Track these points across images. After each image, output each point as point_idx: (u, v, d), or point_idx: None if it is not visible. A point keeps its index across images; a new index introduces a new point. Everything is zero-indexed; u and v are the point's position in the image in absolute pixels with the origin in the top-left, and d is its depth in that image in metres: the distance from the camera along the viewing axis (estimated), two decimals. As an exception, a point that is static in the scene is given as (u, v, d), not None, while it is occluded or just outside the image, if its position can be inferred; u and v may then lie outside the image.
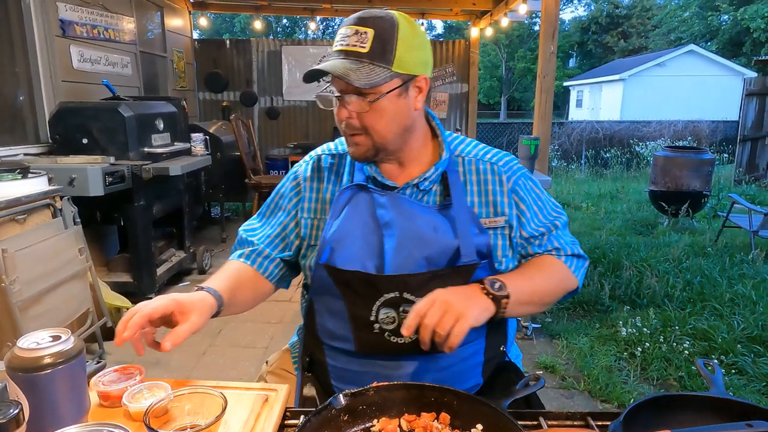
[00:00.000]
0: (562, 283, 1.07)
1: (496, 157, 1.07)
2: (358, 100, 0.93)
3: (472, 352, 1.07)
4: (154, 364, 2.76)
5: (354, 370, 1.05)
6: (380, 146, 0.98)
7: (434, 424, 0.82)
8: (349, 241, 0.99)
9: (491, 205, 1.04)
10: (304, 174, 1.11)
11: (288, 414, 0.89)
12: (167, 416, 0.77)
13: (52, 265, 2.41)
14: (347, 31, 0.93)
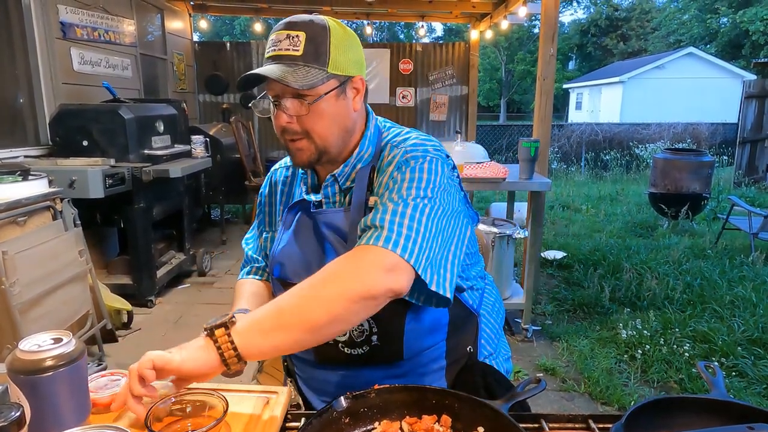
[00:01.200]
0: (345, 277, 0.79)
1: (407, 141, 0.97)
2: (296, 103, 0.92)
3: (433, 357, 1.06)
4: (154, 367, 2.75)
5: (317, 379, 1.08)
6: (322, 149, 0.96)
7: (435, 426, 0.82)
8: (296, 257, 1.03)
9: (379, 184, 0.94)
10: (264, 191, 1.17)
11: (289, 416, 0.89)
12: (169, 419, 0.77)
13: (52, 267, 2.41)
14: (278, 37, 0.92)
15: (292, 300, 0.78)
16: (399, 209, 0.84)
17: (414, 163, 0.91)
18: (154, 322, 3.31)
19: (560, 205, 7.12)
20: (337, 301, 0.76)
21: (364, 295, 0.76)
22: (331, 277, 0.78)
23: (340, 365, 1.04)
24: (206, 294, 3.85)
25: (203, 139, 4.29)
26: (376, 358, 1.02)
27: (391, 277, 0.78)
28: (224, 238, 5.25)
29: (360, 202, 0.95)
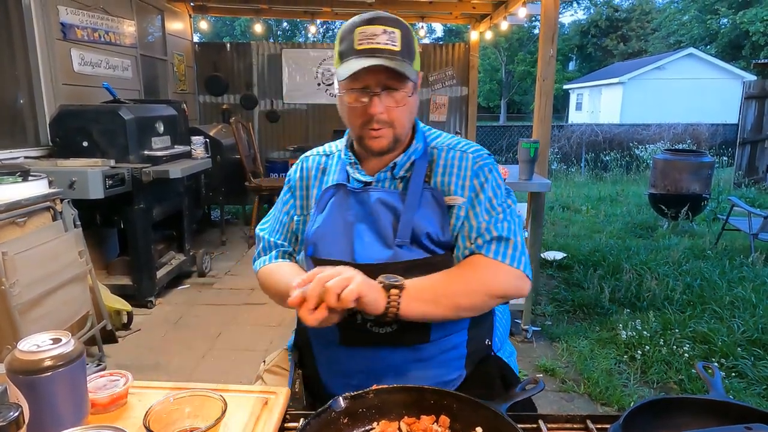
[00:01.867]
0: (484, 278, 1.00)
1: (468, 146, 1.11)
2: (397, 95, 1.00)
3: (455, 344, 1.08)
4: (154, 367, 2.76)
5: (339, 361, 1.09)
6: (398, 138, 1.05)
7: (434, 427, 0.83)
8: (330, 237, 1.06)
9: (456, 185, 1.06)
10: (293, 177, 1.20)
11: (288, 417, 0.89)
12: (167, 419, 0.77)
13: (52, 268, 2.41)
14: (374, 31, 0.98)
15: (446, 285, 0.98)
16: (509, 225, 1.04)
17: (492, 169, 1.08)
18: (154, 323, 3.31)
19: (560, 206, 7.12)
20: (479, 295, 0.99)
21: (500, 295, 1.01)
22: (478, 274, 1.00)
23: (364, 345, 1.05)
24: (206, 295, 3.85)
25: (203, 140, 4.29)
26: (401, 339, 1.03)
27: (520, 284, 1.03)
28: (224, 239, 5.26)
29: (417, 191, 1.04)
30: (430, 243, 1.03)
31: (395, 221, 1.03)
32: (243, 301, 3.70)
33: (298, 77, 6.84)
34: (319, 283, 0.86)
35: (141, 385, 0.90)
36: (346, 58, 0.99)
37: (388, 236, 1.03)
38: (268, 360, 1.29)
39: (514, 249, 1.02)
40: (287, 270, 1.12)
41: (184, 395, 0.78)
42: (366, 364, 1.06)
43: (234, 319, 3.40)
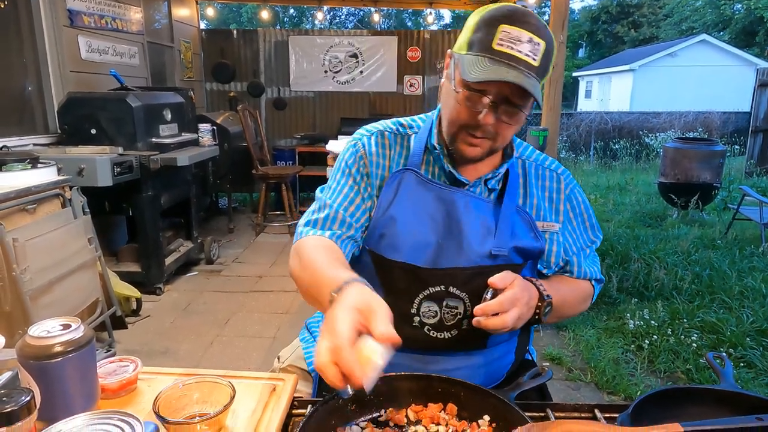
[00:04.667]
0: (581, 307, 1.13)
1: (555, 164, 1.09)
2: (515, 113, 0.91)
3: (505, 351, 1.09)
4: (163, 353, 2.79)
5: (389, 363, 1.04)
6: (494, 151, 0.99)
7: (441, 414, 0.83)
8: (400, 228, 0.97)
9: (549, 210, 1.06)
10: (348, 159, 1.04)
11: (296, 404, 0.89)
12: (176, 405, 0.78)
13: (62, 255, 2.43)
14: (521, 35, 0.85)
15: (570, 300, 1.06)
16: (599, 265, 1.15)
17: (580, 192, 1.10)
18: (163, 309, 3.34)
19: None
20: (572, 313, 1.12)
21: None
22: (584, 303, 1.12)
23: (418, 350, 1.01)
24: (214, 282, 3.87)
25: (210, 128, 4.29)
26: (458, 345, 1.01)
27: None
28: (232, 227, 5.28)
29: (511, 206, 1.01)
30: (514, 254, 1.00)
31: (486, 230, 0.98)
32: (251, 289, 3.73)
33: (305, 64, 6.80)
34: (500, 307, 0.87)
35: (150, 370, 0.91)
36: (479, 54, 0.86)
37: (473, 243, 0.97)
38: (282, 356, 1.26)
39: (599, 287, 1.14)
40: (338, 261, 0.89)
41: (192, 381, 0.79)
42: (415, 368, 1.00)
43: (242, 306, 3.43)
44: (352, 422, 0.82)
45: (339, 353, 0.62)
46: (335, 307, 0.68)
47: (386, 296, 0.93)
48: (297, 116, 6.97)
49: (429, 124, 1.05)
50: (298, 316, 3.19)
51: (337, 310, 0.67)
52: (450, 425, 0.81)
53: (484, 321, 0.86)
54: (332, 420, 0.80)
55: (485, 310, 0.86)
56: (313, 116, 7.00)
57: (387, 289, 0.98)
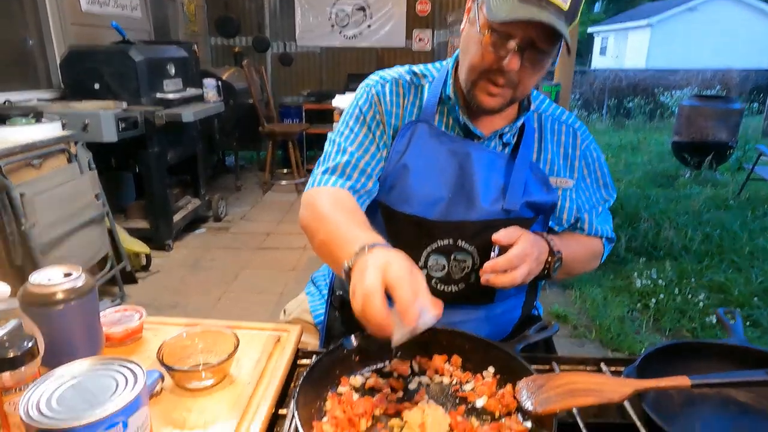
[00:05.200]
0: (591, 264, 1.11)
1: (572, 119, 1.06)
2: (540, 57, 0.86)
3: (513, 305, 1.08)
4: (172, 308, 2.84)
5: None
6: (514, 101, 0.94)
7: (446, 366, 0.82)
8: (411, 180, 0.94)
9: (564, 166, 1.03)
10: (362, 105, 1.00)
11: (300, 354, 0.89)
12: (181, 354, 0.78)
13: (70, 210, 2.44)
14: None
15: (580, 257, 1.04)
16: (611, 224, 1.11)
17: (596, 148, 1.06)
18: (172, 265, 3.37)
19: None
20: (581, 270, 1.10)
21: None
22: (593, 261, 1.10)
23: None
24: (222, 239, 3.90)
25: (215, 83, 4.21)
26: (465, 298, 1.00)
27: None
28: (239, 185, 5.27)
29: (525, 162, 0.98)
30: (525, 209, 0.98)
31: (498, 185, 0.96)
32: (258, 246, 3.75)
33: (311, 18, 6.60)
34: (509, 263, 0.85)
35: (155, 320, 0.91)
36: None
37: (484, 199, 0.94)
38: (288, 309, 1.26)
39: (610, 246, 1.12)
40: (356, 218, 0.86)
41: (197, 331, 0.79)
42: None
43: (249, 262, 3.46)
44: (356, 372, 0.82)
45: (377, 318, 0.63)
46: (362, 282, 0.64)
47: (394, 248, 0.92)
48: (303, 72, 6.83)
49: (444, 73, 1.01)
50: (306, 272, 3.22)
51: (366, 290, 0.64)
52: (454, 376, 0.81)
53: (493, 278, 0.84)
54: (336, 370, 0.80)
55: (494, 267, 0.84)
56: (320, 72, 6.85)
57: (395, 241, 0.96)
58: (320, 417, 0.73)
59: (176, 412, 0.70)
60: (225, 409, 0.71)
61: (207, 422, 0.68)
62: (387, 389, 0.78)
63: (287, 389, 0.81)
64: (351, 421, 0.69)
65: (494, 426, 0.70)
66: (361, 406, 0.71)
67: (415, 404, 0.74)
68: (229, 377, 0.77)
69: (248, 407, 0.71)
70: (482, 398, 0.75)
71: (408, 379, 0.81)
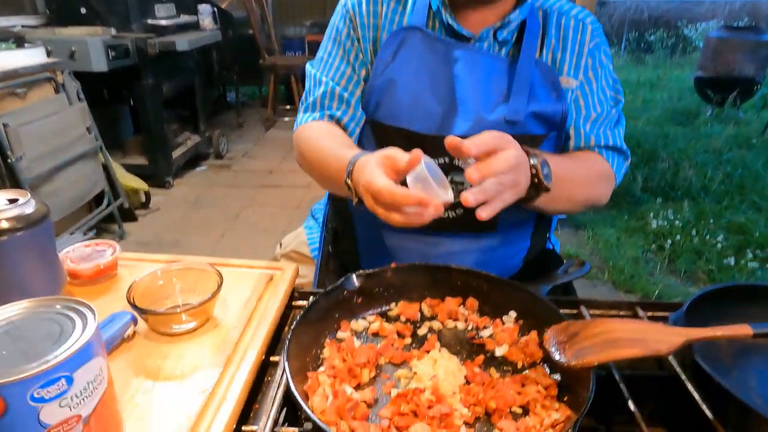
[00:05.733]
0: (599, 186, 0.92)
1: (582, 12, 0.91)
2: None
3: (520, 235, 0.97)
4: (173, 245, 2.77)
5: (387, 245, 0.95)
6: None
7: (460, 310, 0.72)
8: (400, 93, 0.84)
9: (570, 64, 0.89)
10: (357, 8, 0.90)
11: (296, 294, 0.80)
12: (159, 294, 0.68)
13: (60, 143, 2.32)
14: None
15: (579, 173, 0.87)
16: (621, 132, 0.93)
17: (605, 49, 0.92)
18: (172, 203, 3.29)
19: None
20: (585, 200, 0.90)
21: (596, 203, 0.93)
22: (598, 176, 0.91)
23: (419, 230, 0.89)
24: (223, 176, 3.79)
25: (211, 9, 3.94)
26: (465, 225, 0.89)
27: (608, 198, 0.94)
28: (241, 121, 5.09)
29: (529, 64, 0.84)
30: (533, 122, 0.85)
31: (499, 92, 0.83)
32: (261, 183, 3.64)
33: (314, -61, 6.14)
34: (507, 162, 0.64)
35: (133, 257, 0.81)
36: None
37: (482, 109, 0.83)
38: (285, 242, 1.18)
39: (623, 161, 0.95)
40: (341, 140, 0.86)
41: (174, 269, 0.68)
42: (419, 250, 0.92)
43: (252, 200, 3.36)
44: (358, 316, 0.72)
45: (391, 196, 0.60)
46: (362, 183, 0.65)
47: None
48: (306, 1, 6.44)
49: None
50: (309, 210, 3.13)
51: (366, 178, 0.64)
52: (470, 321, 0.71)
53: (478, 212, 0.65)
54: (335, 313, 0.70)
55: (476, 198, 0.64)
56: (324, 1, 6.45)
57: None
58: (316, 366, 0.63)
59: (150, 359, 0.61)
60: (207, 356, 0.62)
61: (185, 371, 0.59)
62: (393, 335, 0.68)
63: (280, 334, 0.71)
64: (351, 371, 0.60)
65: (517, 378, 0.60)
66: (363, 354, 0.62)
67: (426, 353, 0.65)
68: (213, 320, 0.68)
69: (233, 354, 0.62)
70: (502, 347, 0.66)
71: (417, 324, 0.72)
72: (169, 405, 0.54)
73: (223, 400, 0.55)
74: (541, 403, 0.56)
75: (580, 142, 0.91)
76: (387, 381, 0.61)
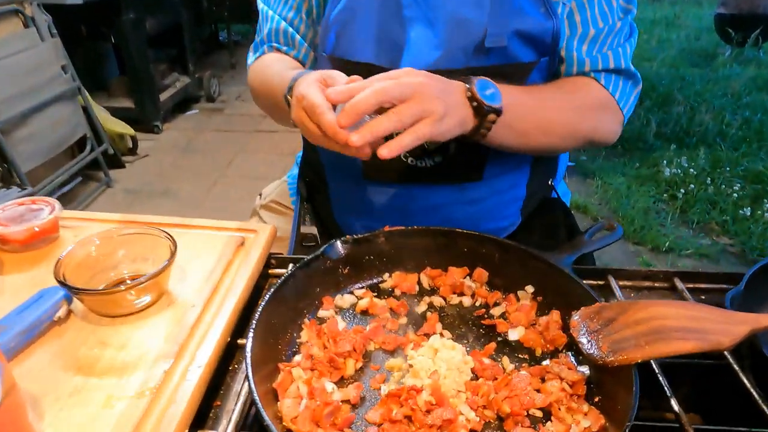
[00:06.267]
0: (593, 113, 0.75)
1: None
2: None
3: (513, 183, 0.83)
4: (163, 194, 2.65)
5: (361, 199, 0.83)
6: None
7: (466, 282, 0.61)
8: (360, 24, 0.71)
9: None
10: None
11: (273, 262, 0.68)
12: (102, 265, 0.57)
13: (32, 83, 2.15)
14: None
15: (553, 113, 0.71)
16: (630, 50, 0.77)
17: None
18: (162, 149, 3.14)
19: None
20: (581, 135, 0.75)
21: (598, 141, 0.78)
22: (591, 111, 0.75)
23: (395, 182, 0.79)
24: (215, 120, 3.61)
25: (197, -63, 3.62)
26: (446, 175, 0.77)
27: (616, 131, 0.79)
28: (233, 62, 4.83)
29: None
30: (518, 45, 0.69)
31: (471, 9, 0.67)
32: (254, 128, 3.46)
33: None
34: (376, 95, 0.53)
35: (76, 215, 0.69)
36: None
37: (455, 33, 0.69)
38: (265, 193, 1.06)
39: (632, 87, 0.78)
40: (289, 64, 0.79)
41: (116, 234, 0.56)
42: (396, 204, 0.80)
43: (245, 146, 3.21)
44: (344, 290, 0.61)
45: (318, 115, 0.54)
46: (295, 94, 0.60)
47: None
48: (301, -71, 5.98)
49: None
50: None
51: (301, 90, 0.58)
52: (477, 296, 0.60)
53: (379, 151, 0.54)
54: (317, 287, 0.58)
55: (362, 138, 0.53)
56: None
57: None
58: (292, 354, 0.52)
59: (86, 347, 0.50)
60: (157, 341, 0.51)
61: (128, 361, 0.48)
62: (385, 314, 0.57)
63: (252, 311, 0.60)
64: (333, 361, 0.49)
65: (536, 371, 0.49)
66: (348, 340, 0.51)
67: (424, 338, 0.53)
68: (168, 297, 0.56)
69: (190, 337, 0.51)
70: (517, 329, 0.55)
71: (415, 299, 0.60)
72: (101, 410, 0.44)
73: (170, 402, 0.44)
74: (566, 405, 0.46)
75: (573, 68, 0.75)
76: (376, 374, 0.50)
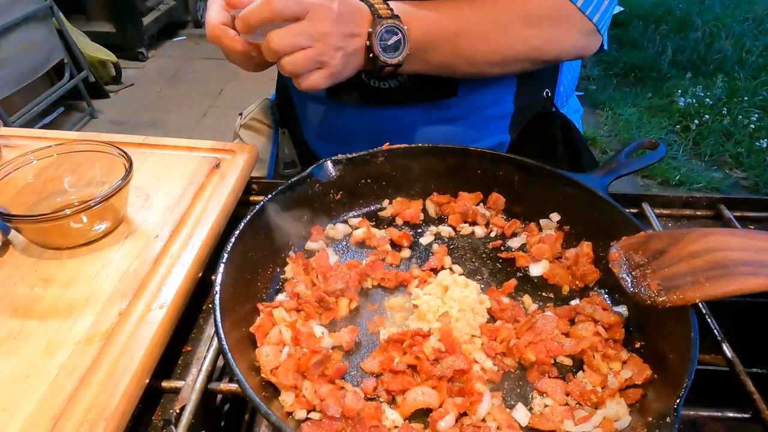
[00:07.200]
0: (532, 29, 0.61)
1: None
2: None
3: (496, 98, 0.72)
4: (150, 125, 2.52)
5: (329, 122, 0.75)
6: None
7: (479, 209, 0.52)
8: None
9: None
10: None
11: (255, 187, 0.59)
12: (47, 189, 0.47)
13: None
14: None
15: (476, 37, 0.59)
16: None
17: None
18: (148, 78, 2.97)
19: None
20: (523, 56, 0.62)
21: (554, 57, 0.64)
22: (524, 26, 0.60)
23: (360, 103, 0.70)
24: (204, 47, 3.40)
25: None
26: (415, 93, 0.68)
27: (587, 43, 0.64)
28: (222, -16, 4.51)
29: None
30: None
31: None
32: (245, 56, 3.27)
33: None
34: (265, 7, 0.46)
35: (19, 134, 0.59)
36: None
37: None
38: (246, 112, 0.95)
39: None
40: None
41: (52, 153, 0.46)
42: (366, 126, 0.72)
43: (236, 75, 3.03)
44: (337, 218, 0.52)
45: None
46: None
47: None
48: None
49: None
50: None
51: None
52: (492, 225, 0.51)
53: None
54: (304, 215, 0.50)
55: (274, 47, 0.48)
56: None
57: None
58: (274, 293, 0.44)
59: (23, 284, 0.42)
60: (111, 277, 0.42)
61: (75, 300, 0.40)
62: (385, 246, 0.49)
63: (229, 241, 0.52)
64: (323, 301, 0.41)
65: (563, 312, 0.42)
66: (340, 277, 0.42)
67: (431, 274, 0.45)
68: (126, 226, 0.47)
69: (152, 273, 0.43)
70: (540, 263, 0.46)
71: (419, 229, 0.52)
72: (40, 359, 0.36)
73: (125, 349, 0.36)
74: (602, 352, 0.38)
75: None
76: (374, 316, 0.42)
